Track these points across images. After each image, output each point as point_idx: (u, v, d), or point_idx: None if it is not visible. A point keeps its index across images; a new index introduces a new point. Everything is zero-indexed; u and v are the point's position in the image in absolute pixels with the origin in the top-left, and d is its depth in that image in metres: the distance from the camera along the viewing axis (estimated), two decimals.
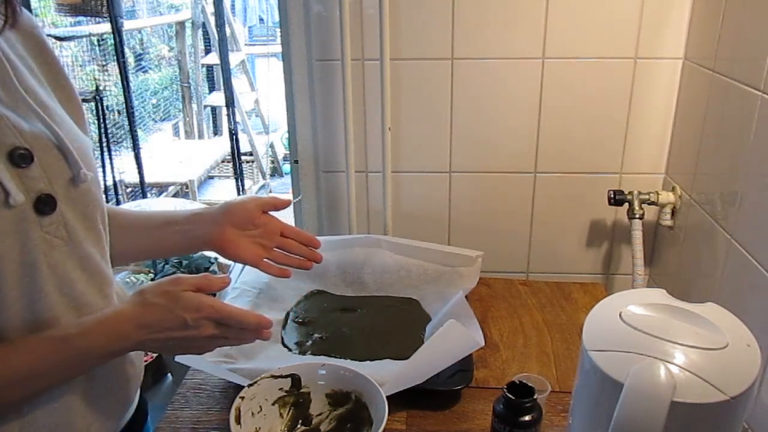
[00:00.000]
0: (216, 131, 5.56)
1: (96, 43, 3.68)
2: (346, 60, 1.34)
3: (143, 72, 5.00)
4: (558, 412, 0.99)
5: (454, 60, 1.36)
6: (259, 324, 0.78)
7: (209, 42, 4.95)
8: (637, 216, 1.35)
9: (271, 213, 1.00)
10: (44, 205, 0.67)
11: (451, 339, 0.98)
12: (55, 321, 0.70)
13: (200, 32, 4.95)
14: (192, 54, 4.94)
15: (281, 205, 1.01)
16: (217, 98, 4.88)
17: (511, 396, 0.82)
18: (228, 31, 4.32)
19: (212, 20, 4.55)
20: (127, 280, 2.22)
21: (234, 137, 4.08)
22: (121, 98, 3.43)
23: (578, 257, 1.51)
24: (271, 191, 4.65)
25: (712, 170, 1.18)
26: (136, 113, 3.74)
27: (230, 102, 4.03)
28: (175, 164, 4.17)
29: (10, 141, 0.66)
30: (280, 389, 0.91)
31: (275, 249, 1.00)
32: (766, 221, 0.97)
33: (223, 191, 4.42)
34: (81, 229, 0.72)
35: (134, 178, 3.65)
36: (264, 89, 5.22)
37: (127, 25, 3.82)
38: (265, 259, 0.98)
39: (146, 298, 0.73)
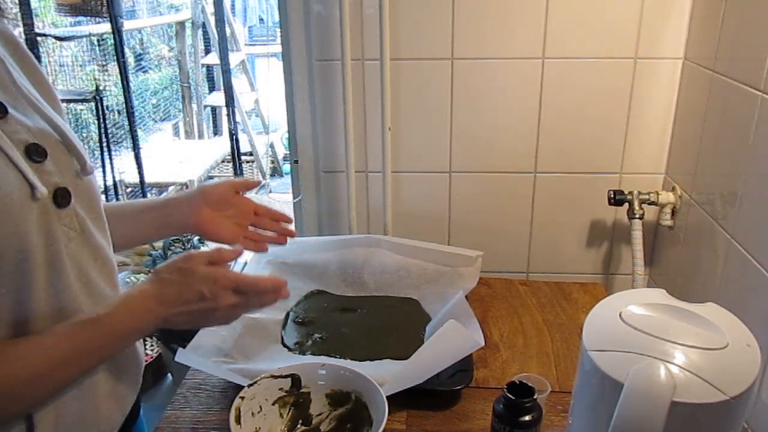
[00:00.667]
0: (216, 131, 5.56)
1: (96, 43, 3.68)
2: (346, 60, 1.34)
3: (143, 72, 4.99)
4: (558, 412, 0.99)
5: (454, 60, 1.36)
6: (275, 285, 0.82)
7: (209, 42, 4.94)
8: (637, 216, 1.35)
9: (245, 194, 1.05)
10: (61, 198, 0.70)
11: (451, 339, 0.98)
12: (79, 311, 0.72)
13: (200, 32, 4.94)
14: (192, 54, 4.93)
15: (252, 185, 1.06)
16: (217, 98, 4.88)
17: (511, 396, 0.82)
18: (228, 31, 4.32)
19: (212, 20, 4.55)
20: (127, 280, 2.22)
21: (234, 137, 4.08)
22: (121, 98, 3.43)
23: (578, 257, 1.50)
24: (271, 191, 4.65)
25: (712, 170, 1.18)
26: (136, 113, 3.74)
27: (230, 102, 4.03)
28: (175, 164, 4.17)
29: (24, 137, 0.68)
30: (280, 389, 0.91)
31: (250, 227, 1.04)
32: (766, 221, 0.97)
33: None
34: (90, 221, 0.75)
35: (134, 178, 3.64)
36: (264, 89, 5.21)
37: (127, 25, 3.81)
38: (243, 237, 1.03)
39: (162, 276, 0.77)
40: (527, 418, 0.83)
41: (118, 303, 0.73)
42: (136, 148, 3.51)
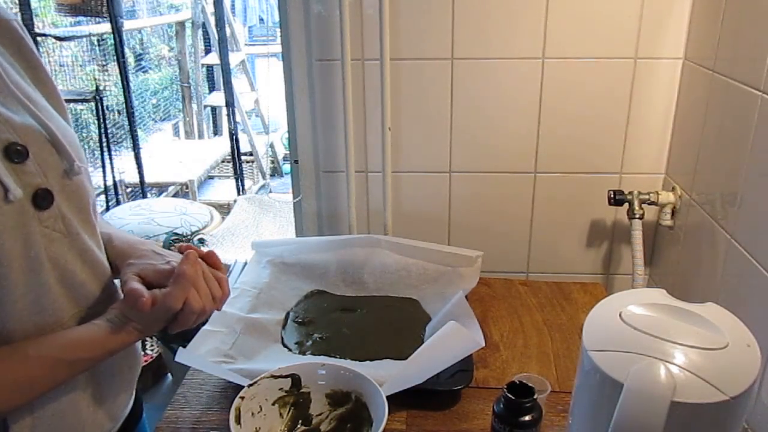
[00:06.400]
0: (216, 131, 5.55)
1: (96, 43, 3.68)
2: (346, 60, 1.34)
3: (143, 72, 5.00)
4: (558, 412, 0.99)
5: (454, 60, 1.36)
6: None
7: (209, 42, 4.94)
8: (637, 216, 1.35)
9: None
10: (42, 199, 0.68)
11: (451, 339, 0.98)
12: (59, 312, 0.72)
13: (200, 32, 4.94)
14: (192, 54, 4.93)
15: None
16: (217, 98, 4.87)
17: (511, 396, 0.82)
18: (228, 31, 4.31)
19: (212, 20, 4.54)
20: None
21: (234, 137, 4.08)
22: (121, 98, 3.43)
23: (578, 257, 1.50)
24: (271, 191, 4.65)
25: (712, 170, 1.18)
26: (136, 113, 3.74)
27: (230, 102, 4.03)
28: (175, 164, 4.17)
29: (5, 136, 0.66)
30: (280, 389, 0.91)
31: None
32: (766, 221, 0.97)
33: (223, 191, 4.42)
34: (77, 222, 0.74)
35: (134, 178, 3.65)
36: (264, 89, 5.21)
37: (127, 25, 3.81)
38: None
39: (144, 328, 0.76)
40: (527, 418, 0.83)
41: (99, 344, 0.73)
42: (136, 148, 3.51)
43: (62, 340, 0.71)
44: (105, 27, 3.35)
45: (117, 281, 0.84)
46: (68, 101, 3.37)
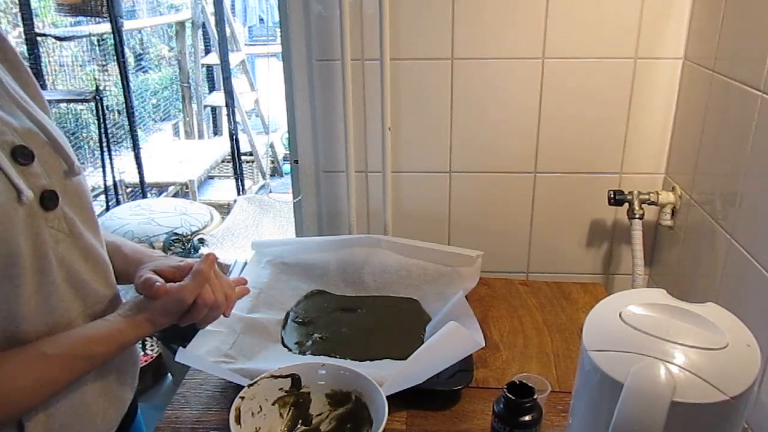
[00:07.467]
0: (216, 131, 5.55)
1: (96, 43, 3.69)
2: (346, 60, 1.34)
3: (143, 72, 5.00)
4: (558, 412, 0.99)
5: (454, 60, 1.36)
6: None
7: (209, 42, 4.94)
8: (637, 216, 1.35)
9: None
10: (48, 200, 0.70)
11: (451, 339, 0.98)
12: (68, 311, 0.73)
13: (200, 32, 4.94)
14: (192, 54, 4.93)
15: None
16: (217, 98, 4.87)
17: (511, 396, 0.82)
18: (228, 31, 4.31)
19: (212, 20, 4.54)
20: None
21: (234, 137, 4.08)
22: (121, 98, 3.43)
23: (578, 257, 1.50)
24: (271, 191, 4.65)
25: (712, 170, 1.18)
26: (136, 113, 3.74)
27: (230, 102, 4.03)
28: (175, 164, 4.16)
29: (10, 139, 0.67)
30: (280, 389, 0.91)
31: None
32: (766, 221, 0.97)
33: (223, 191, 4.42)
34: (79, 221, 0.75)
35: (134, 178, 3.65)
36: (264, 89, 5.21)
37: (127, 25, 3.81)
38: None
39: (156, 320, 0.78)
40: (527, 418, 0.83)
41: (113, 338, 0.75)
42: (136, 148, 3.51)
43: (78, 337, 0.72)
44: (105, 27, 3.35)
45: (121, 286, 0.85)
46: (68, 101, 3.38)
